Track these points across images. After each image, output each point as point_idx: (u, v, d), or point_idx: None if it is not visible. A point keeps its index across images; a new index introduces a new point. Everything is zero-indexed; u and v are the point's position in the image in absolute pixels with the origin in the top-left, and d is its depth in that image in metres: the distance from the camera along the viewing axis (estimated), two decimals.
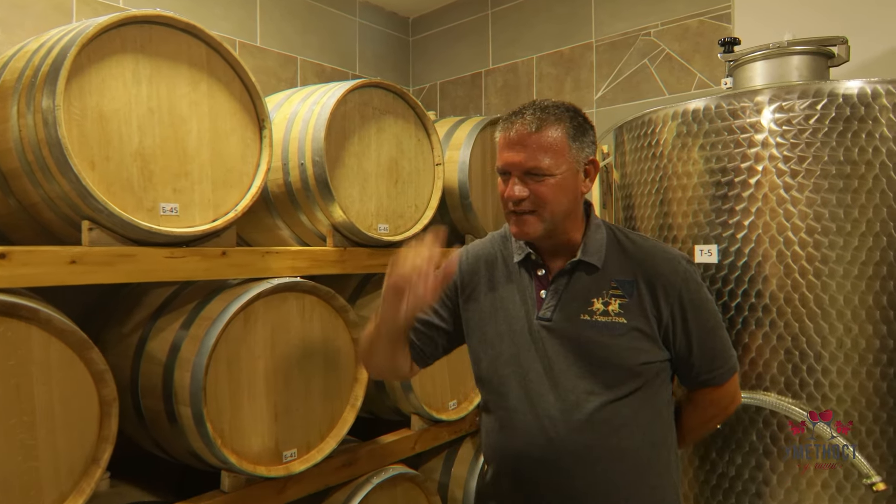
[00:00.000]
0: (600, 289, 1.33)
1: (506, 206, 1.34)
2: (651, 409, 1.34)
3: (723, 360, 1.37)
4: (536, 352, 1.34)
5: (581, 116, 1.35)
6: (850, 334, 1.54)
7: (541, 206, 1.30)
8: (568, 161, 1.31)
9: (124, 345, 2.02)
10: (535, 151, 1.28)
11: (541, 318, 1.35)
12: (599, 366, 1.30)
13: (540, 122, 1.29)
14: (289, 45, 3.28)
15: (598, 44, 3.21)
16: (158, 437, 1.96)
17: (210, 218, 1.83)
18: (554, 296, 1.35)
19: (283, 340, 1.99)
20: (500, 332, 1.39)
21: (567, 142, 1.30)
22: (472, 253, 1.52)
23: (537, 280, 1.38)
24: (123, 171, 1.64)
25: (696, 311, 1.33)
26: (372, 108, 2.31)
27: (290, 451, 2.01)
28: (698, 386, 1.39)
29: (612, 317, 1.31)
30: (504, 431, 1.37)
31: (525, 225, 1.32)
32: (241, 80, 1.90)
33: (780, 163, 1.60)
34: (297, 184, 2.17)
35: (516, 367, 1.36)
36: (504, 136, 1.33)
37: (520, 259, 1.41)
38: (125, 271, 1.65)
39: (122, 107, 1.64)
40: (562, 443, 1.29)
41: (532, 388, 1.33)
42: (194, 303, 1.94)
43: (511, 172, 1.31)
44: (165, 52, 1.73)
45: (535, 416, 1.31)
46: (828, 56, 1.95)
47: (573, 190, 1.33)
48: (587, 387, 1.29)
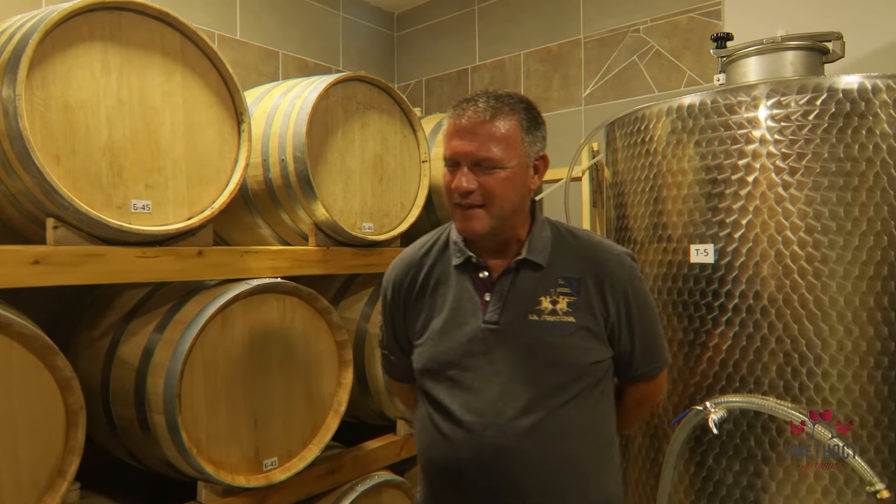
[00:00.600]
0: (547, 287, 1.28)
1: (451, 198, 1.26)
2: (598, 409, 1.31)
3: (659, 354, 1.37)
4: (483, 357, 1.27)
5: (535, 110, 1.29)
6: (851, 336, 1.49)
7: (490, 200, 1.23)
8: (520, 154, 1.24)
9: (94, 349, 1.92)
10: (487, 141, 1.21)
11: (487, 322, 1.28)
12: (549, 367, 1.25)
13: (494, 111, 1.22)
14: (270, 39, 3.19)
15: (587, 40, 3.16)
16: (131, 447, 1.87)
17: (185, 216, 1.74)
18: (499, 298, 1.28)
19: (263, 344, 1.91)
20: (444, 339, 1.31)
21: (520, 134, 1.24)
22: (402, 265, 1.43)
23: (480, 283, 1.31)
24: (91, 166, 1.55)
25: (640, 307, 1.31)
26: (356, 102, 2.24)
27: (271, 460, 1.93)
28: (634, 380, 1.38)
29: (560, 316, 1.26)
30: (448, 443, 1.29)
31: (473, 220, 1.24)
32: (217, 72, 1.82)
33: (777, 160, 1.55)
34: (277, 180, 2.08)
35: (461, 376, 1.29)
36: (454, 123, 1.25)
37: (459, 263, 1.33)
38: (93, 272, 1.55)
39: (90, 98, 1.55)
40: (511, 452, 1.23)
41: (478, 396, 1.26)
42: (169, 305, 1.85)
43: (460, 162, 1.23)
44: (137, 40, 1.64)
45: (482, 426, 1.25)
46: (822, 52, 1.91)
47: (523, 185, 1.27)
48: (536, 391, 1.24)
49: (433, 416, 1.33)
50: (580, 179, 2.66)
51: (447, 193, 1.28)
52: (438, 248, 1.40)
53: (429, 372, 1.34)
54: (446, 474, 1.31)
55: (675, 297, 1.72)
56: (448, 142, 1.25)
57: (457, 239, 1.35)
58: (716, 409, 1.57)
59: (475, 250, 1.33)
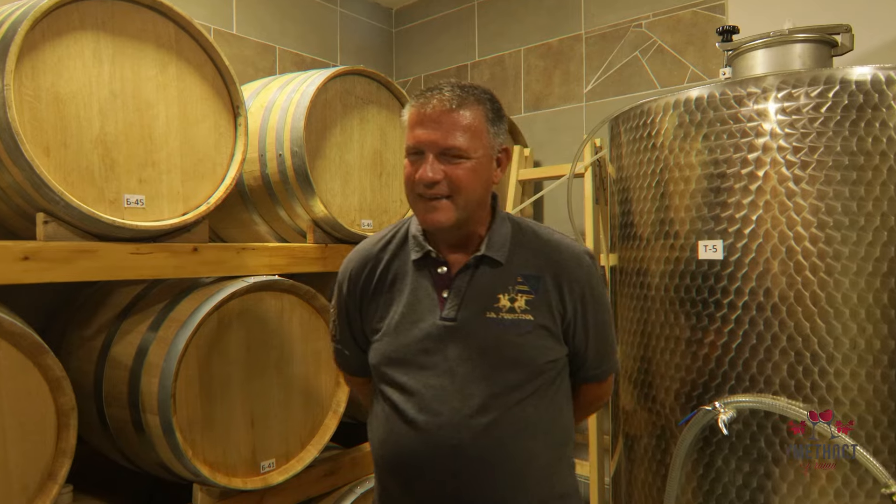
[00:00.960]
0: (506, 284, 1.26)
1: (413, 190, 1.22)
2: (555, 407, 1.29)
3: (610, 356, 1.37)
4: (439, 355, 1.25)
5: (498, 102, 1.27)
6: (864, 334, 1.46)
7: (456, 191, 1.19)
8: (485, 145, 1.22)
9: (87, 348, 1.87)
10: (454, 130, 1.17)
11: (444, 319, 1.25)
12: (505, 366, 1.23)
13: (460, 100, 1.19)
14: (267, 34, 3.14)
15: (588, 36, 3.12)
16: (125, 448, 1.82)
17: (179, 211, 1.69)
18: (457, 294, 1.25)
19: (260, 343, 1.86)
20: (399, 336, 1.28)
21: (486, 125, 1.21)
22: (358, 259, 1.39)
23: (438, 278, 1.28)
24: (83, 159, 1.51)
25: (597, 309, 1.30)
26: (355, 97, 2.19)
27: (269, 462, 1.89)
28: (584, 381, 1.37)
29: (518, 314, 1.24)
30: (402, 441, 1.26)
31: (438, 212, 1.20)
32: (213, 63, 1.77)
33: (788, 153, 1.51)
34: (274, 176, 2.04)
35: (416, 373, 1.26)
36: (417, 112, 1.20)
37: (418, 257, 1.29)
38: (85, 269, 1.51)
39: (82, 89, 1.50)
40: (466, 450, 1.21)
41: (432, 394, 1.24)
42: (163, 303, 1.80)
43: (424, 151, 1.19)
44: (130, 30, 1.60)
45: (437, 425, 1.22)
46: (831, 45, 1.88)
47: (487, 177, 1.25)
48: (491, 389, 1.22)
49: (387, 413, 1.30)
50: (583, 176, 2.62)
51: (409, 185, 1.24)
52: (397, 242, 1.36)
53: (384, 368, 1.30)
54: (400, 473, 1.28)
55: (683, 294, 1.68)
56: (411, 131, 1.21)
57: (416, 233, 1.32)
58: (725, 410, 1.53)
59: (434, 245, 1.30)
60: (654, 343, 1.79)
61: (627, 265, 1.94)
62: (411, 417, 1.24)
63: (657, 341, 1.78)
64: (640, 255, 1.86)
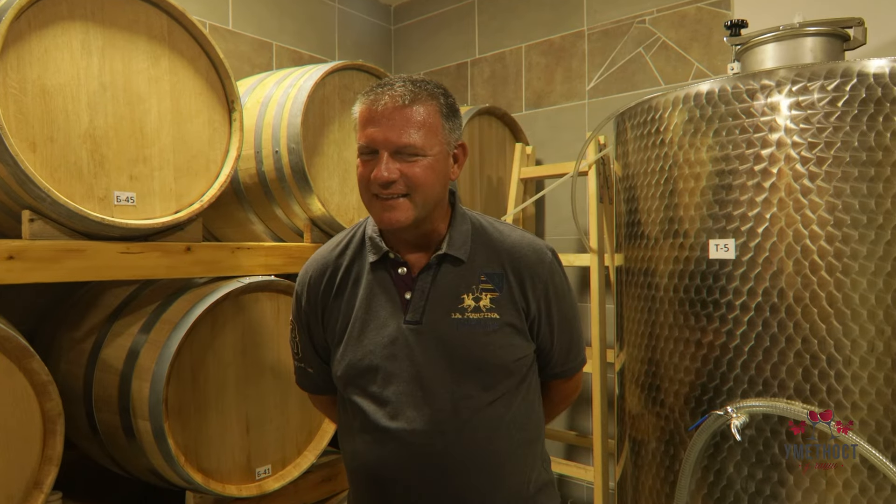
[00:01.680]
0: (469, 284, 1.23)
1: (369, 190, 1.18)
2: (526, 404, 1.27)
3: (577, 352, 1.35)
4: (406, 359, 1.20)
5: (452, 97, 1.23)
6: (883, 336, 1.40)
7: (413, 190, 1.15)
8: (441, 142, 1.18)
9: (77, 351, 1.82)
10: (408, 127, 1.13)
11: (409, 322, 1.21)
12: (474, 367, 1.20)
13: (413, 95, 1.15)
14: (264, 30, 3.08)
15: (591, 32, 3.07)
16: (116, 454, 1.77)
17: (172, 209, 1.64)
18: (420, 296, 1.22)
19: (256, 345, 1.81)
20: (364, 343, 1.23)
21: (441, 120, 1.18)
22: (316, 266, 1.33)
23: (399, 280, 1.24)
24: (70, 155, 1.45)
25: (560, 303, 1.28)
26: (353, 92, 2.14)
27: (264, 468, 1.83)
28: (551, 378, 1.36)
29: (484, 313, 1.21)
30: (374, 452, 1.22)
31: (396, 210, 1.16)
32: (207, 57, 1.72)
33: (803, 149, 1.46)
34: (271, 173, 1.98)
35: (385, 381, 1.21)
36: (368, 109, 1.16)
37: (375, 259, 1.25)
38: (72, 268, 1.45)
39: (69, 81, 1.44)
40: (442, 455, 1.18)
41: (403, 400, 1.20)
42: (155, 304, 1.74)
43: (378, 150, 1.15)
44: (121, 21, 1.54)
45: (410, 432, 1.19)
46: (843, 38, 1.83)
47: (445, 174, 1.21)
48: (462, 391, 1.19)
49: (358, 424, 1.25)
50: (586, 174, 2.57)
51: (362, 185, 1.19)
52: (355, 245, 1.31)
53: (349, 378, 1.25)
54: (376, 484, 1.24)
55: (693, 295, 1.63)
56: (362, 129, 1.17)
57: (373, 234, 1.27)
58: (737, 414, 1.48)
59: (392, 245, 1.26)
60: (661, 345, 1.74)
61: (634, 265, 1.88)
62: (383, 426, 1.20)
63: (665, 343, 1.72)
64: (647, 255, 1.81)
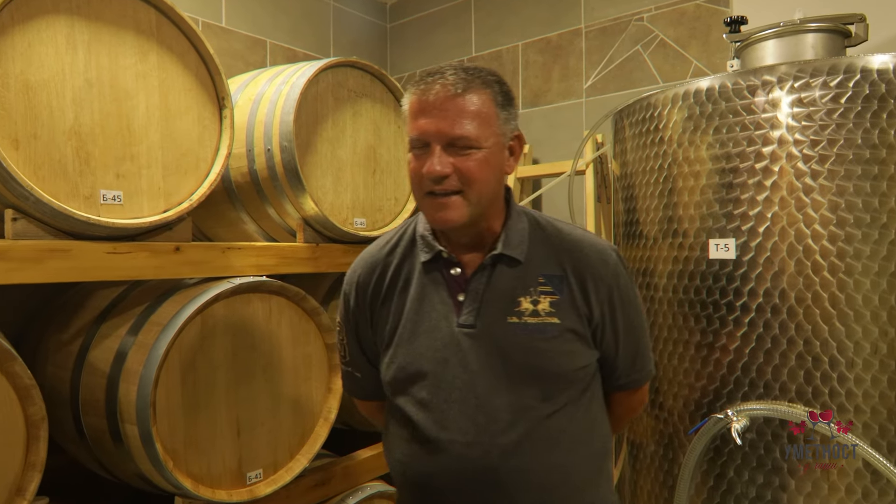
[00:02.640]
0: (527, 286, 1.15)
1: (421, 187, 1.11)
2: (589, 416, 1.19)
3: (643, 362, 1.26)
4: (459, 366, 1.13)
5: (506, 84, 1.16)
6: (886, 338, 1.38)
7: (468, 185, 1.08)
8: (496, 133, 1.11)
9: (64, 353, 1.78)
10: (461, 118, 1.06)
11: (462, 325, 1.14)
12: (532, 375, 1.12)
13: (466, 83, 1.08)
14: (258, 27, 3.05)
15: (588, 30, 3.04)
16: (103, 459, 1.73)
17: (160, 208, 1.60)
18: (475, 298, 1.15)
19: (247, 347, 1.77)
20: (414, 347, 1.17)
21: (495, 110, 1.11)
22: (365, 265, 1.28)
23: (452, 281, 1.18)
24: (55, 152, 1.41)
25: (626, 308, 1.19)
26: (347, 89, 2.10)
27: (255, 472, 1.79)
28: (616, 389, 1.26)
29: (543, 317, 1.13)
30: (424, 464, 1.16)
31: (450, 209, 1.09)
32: (197, 52, 1.68)
33: (805, 147, 1.43)
34: (263, 172, 1.95)
35: (436, 388, 1.14)
36: (419, 99, 1.09)
37: (428, 258, 1.19)
38: (57, 269, 1.41)
39: (54, 77, 1.41)
40: (497, 470, 1.10)
41: (457, 409, 1.13)
42: (144, 305, 1.70)
43: (430, 143, 1.08)
44: (107, 15, 1.50)
45: (462, 445, 1.11)
46: (845, 34, 1.80)
47: (500, 168, 1.14)
48: (521, 401, 1.11)
49: (406, 432, 1.19)
50: (584, 173, 2.54)
51: (415, 181, 1.13)
52: (405, 244, 1.25)
53: (398, 383, 1.20)
54: (424, 497, 1.18)
55: (692, 296, 1.60)
56: (413, 121, 1.10)
57: (424, 232, 1.21)
58: (738, 418, 1.45)
59: (445, 245, 1.19)
60: (660, 347, 1.71)
61: (632, 265, 1.85)
62: (433, 436, 1.13)
63: (664, 345, 1.69)
64: (645, 255, 1.78)
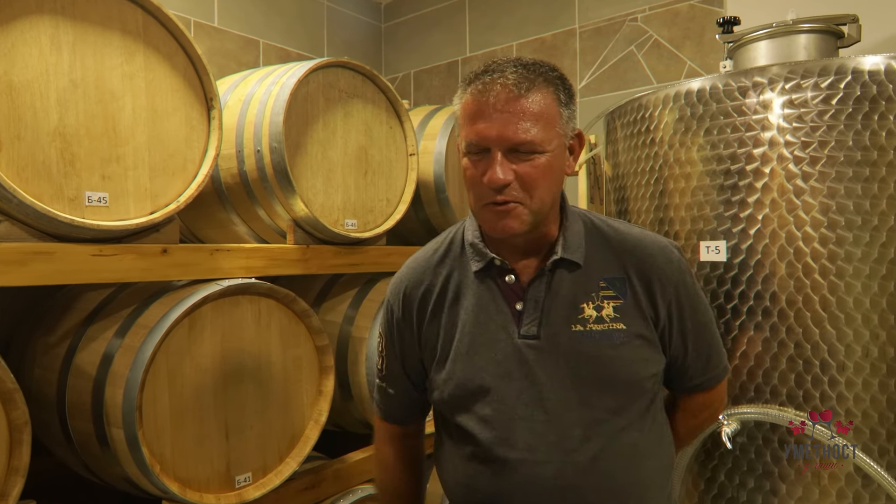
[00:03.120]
0: (588, 291, 1.09)
1: (481, 196, 1.04)
2: (656, 427, 1.14)
3: (717, 360, 1.19)
4: (525, 379, 1.08)
5: (567, 79, 1.10)
6: (878, 341, 1.37)
7: (530, 192, 1.02)
8: (559, 134, 1.04)
9: (51, 356, 1.76)
10: (524, 121, 0.99)
11: (524, 336, 1.08)
12: (603, 386, 1.07)
13: (529, 83, 1.00)
14: (251, 27, 3.03)
15: (582, 30, 3.03)
16: (90, 462, 1.71)
17: (147, 210, 1.58)
18: (535, 307, 1.09)
19: (236, 350, 1.75)
20: (472, 361, 1.11)
21: (559, 109, 1.04)
22: (412, 275, 1.22)
23: (508, 290, 1.12)
24: (39, 154, 1.39)
25: (693, 306, 1.13)
26: (338, 90, 2.09)
27: (244, 476, 1.78)
28: (689, 391, 1.20)
29: (608, 323, 1.07)
30: (491, 486, 1.10)
31: (511, 218, 1.03)
32: (185, 53, 1.66)
33: (796, 148, 1.42)
34: (252, 173, 1.93)
35: (500, 404, 1.09)
36: (477, 100, 1.02)
37: (480, 267, 1.13)
38: (41, 272, 1.40)
39: (38, 77, 1.39)
40: (573, 490, 1.05)
41: (525, 426, 1.07)
42: (131, 308, 1.69)
43: (491, 149, 1.01)
44: (93, 16, 1.48)
45: (534, 463, 1.06)
46: (838, 35, 1.79)
47: (562, 171, 1.08)
48: (592, 415, 1.06)
49: (466, 451, 1.13)
50: (576, 174, 2.53)
51: (475, 189, 1.05)
52: (454, 253, 1.19)
53: (458, 400, 1.13)
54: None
55: None
56: (471, 124, 1.02)
57: (474, 239, 1.15)
58: (728, 422, 1.44)
59: (497, 251, 1.13)
60: None
61: None
62: (500, 456, 1.08)
63: None
64: None
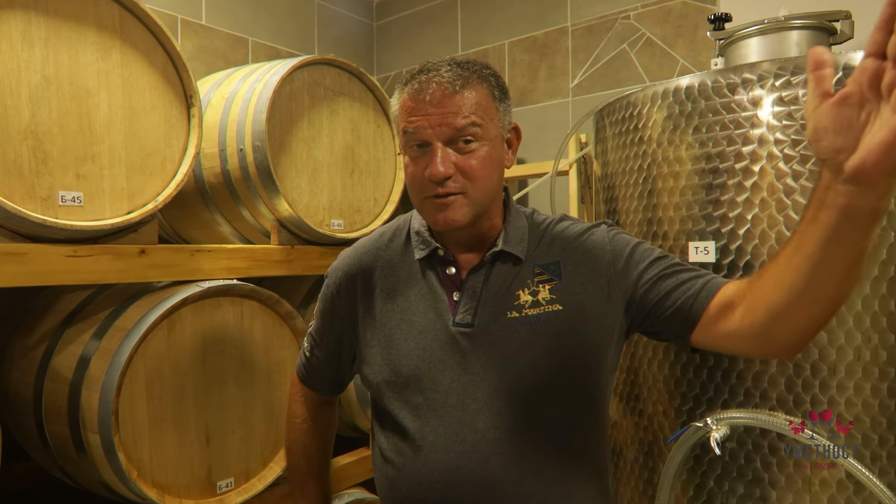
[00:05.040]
0: (524, 279, 1.10)
1: (423, 190, 1.06)
2: (594, 426, 1.12)
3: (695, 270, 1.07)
4: (456, 367, 1.07)
5: (500, 77, 1.13)
6: (870, 344, 1.33)
7: (471, 183, 1.04)
8: (496, 126, 1.08)
9: (29, 359, 1.73)
10: (461, 111, 1.02)
11: (459, 325, 1.09)
12: (538, 374, 1.05)
13: (464, 80, 1.03)
14: (239, 25, 2.99)
15: (574, 28, 2.99)
16: (67, 467, 1.68)
17: (124, 210, 1.55)
18: (472, 296, 1.10)
19: (217, 352, 1.72)
20: (406, 349, 1.12)
21: (494, 104, 1.07)
22: (356, 257, 1.23)
23: (448, 280, 1.13)
24: (9, 152, 1.36)
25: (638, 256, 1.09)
26: (324, 88, 2.06)
27: (226, 481, 1.74)
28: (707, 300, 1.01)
29: (544, 306, 1.07)
30: (416, 478, 1.08)
31: (452, 210, 1.04)
32: (164, 50, 1.63)
33: (786, 147, 1.39)
34: (235, 172, 1.90)
35: (431, 392, 1.08)
36: (414, 98, 1.04)
37: (423, 256, 1.14)
38: (12, 273, 1.36)
39: (8, 74, 1.36)
40: (495, 485, 1.03)
41: (452, 414, 1.06)
42: (109, 310, 1.66)
43: (431, 142, 1.03)
44: (66, 11, 1.45)
45: (459, 455, 1.04)
46: (830, 32, 1.76)
47: (501, 163, 1.11)
48: (525, 405, 1.05)
49: (395, 442, 1.13)
50: (567, 173, 2.49)
51: (416, 185, 1.07)
52: (400, 239, 1.21)
53: (389, 387, 1.13)
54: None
55: None
56: (408, 119, 1.05)
57: (420, 228, 1.17)
58: (717, 426, 1.40)
59: (442, 242, 1.15)
60: (640, 352, 1.66)
61: None
62: (426, 445, 1.07)
63: (644, 350, 1.65)
64: None
